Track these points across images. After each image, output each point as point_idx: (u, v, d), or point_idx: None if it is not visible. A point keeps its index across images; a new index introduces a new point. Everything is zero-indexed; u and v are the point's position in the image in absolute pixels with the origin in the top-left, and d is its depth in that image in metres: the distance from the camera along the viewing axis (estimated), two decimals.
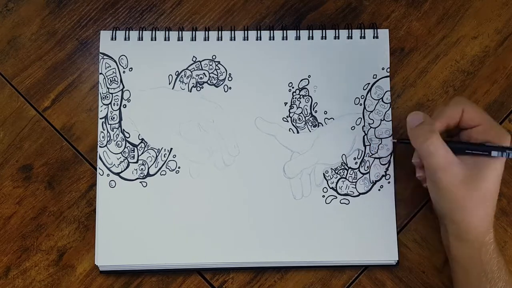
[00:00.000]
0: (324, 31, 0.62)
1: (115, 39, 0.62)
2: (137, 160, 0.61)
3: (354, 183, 0.60)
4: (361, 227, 0.60)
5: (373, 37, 0.62)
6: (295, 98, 0.61)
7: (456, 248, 0.55)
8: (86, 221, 0.61)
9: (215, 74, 0.62)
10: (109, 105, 0.61)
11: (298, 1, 0.64)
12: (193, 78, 0.62)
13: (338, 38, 0.62)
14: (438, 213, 0.57)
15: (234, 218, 0.60)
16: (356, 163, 0.61)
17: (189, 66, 0.62)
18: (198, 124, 0.61)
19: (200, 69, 0.62)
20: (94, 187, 0.61)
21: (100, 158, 0.60)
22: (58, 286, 0.61)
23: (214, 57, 0.62)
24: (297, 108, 0.61)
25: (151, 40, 0.62)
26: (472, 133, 0.54)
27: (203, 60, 0.62)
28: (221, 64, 0.62)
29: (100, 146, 0.61)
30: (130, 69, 0.62)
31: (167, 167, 0.61)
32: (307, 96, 0.61)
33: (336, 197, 0.60)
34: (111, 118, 0.61)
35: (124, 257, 0.60)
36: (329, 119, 0.61)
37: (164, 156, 0.61)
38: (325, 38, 0.62)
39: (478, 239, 0.53)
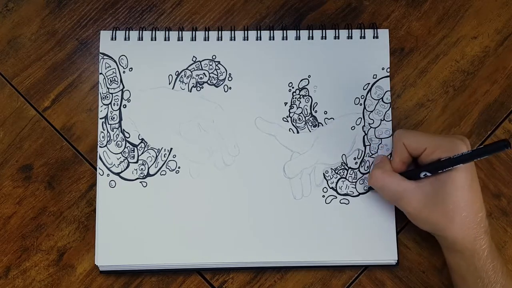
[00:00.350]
0: (324, 31, 0.62)
1: (115, 39, 0.62)
2: (137, 160, 0.61)
3: (354, 183, 0.60)
4: (361, 227, 0.60)
5: (373, 37, 0.62)
6: (295, 98, 0.61)
7: (450, 258, 0.55)
8: (86, 221, 0.61)
9: (215, 74, 0.62)
10: (109, 105, 0.61)
11: (298, 1, 0.64)
12: (193, 78, 0.62)
13: (338, 38, 0.62)
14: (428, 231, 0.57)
15: (234, 218, 0.60)
16: (356, 163, 0.61)
17: (189, 66, 0.62)
18: (198, 124, 0.61)
19: (200, 69, 0.62)
20: (94, 187, 0.61)
21: (100, 158, 0.60)
22: (58, 286, 0.61)
23: (214, 57, 0.62)
24: (297, 108, 0.61)
25: (151, 40, 0.62)
26: (423, 159, 0.55)
27: (203, 60, 0.62)
28: (221, 64, 0.62)
29: (100, 146, 0.61)
30: (130, 69, 0.62)
31: (167, 167, 0.61)
32: (307, 96, 0.61)
33: (336, 197, 0.60)
34: (111, 118, 0.61)
35: (124, 257, 0.60)
36: (329, 119, 0.61)
37: (164, 156, 0.61)
38: (325, 38, 0.62)
39: (469, 249, 0.53)
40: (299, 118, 0.61)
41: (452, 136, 0.54)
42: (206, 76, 0.62)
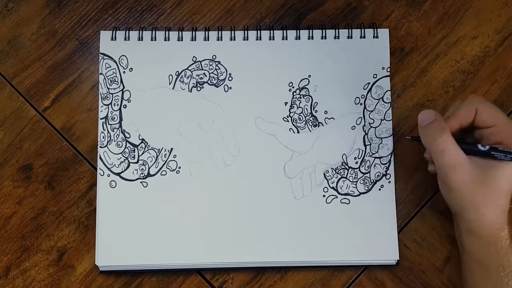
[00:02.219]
0: (324, 31, 0.62)
1: (115, 39, 0.62)
2: (138, 160, 0.61)
3: (355, 183, 0.61)
4: (362, 226, 0.60)
5: (373, 37, 0.62)
6: (296, 98, 0.61)
7: (470, 243, 0.55)
8: (86, 221, 0.61)
9: (215, 74, 0.62)
10: (110, 105, 0.61)
11: (298, 1, 0.64)
12: (193, 78, 0.62)
13: (338, 38, 0.62)
14: (450, 208, 0.57)
15: (234, 218, 0.60)
16: (356, 162, 0.61)
17: (189, 66, 0.62)
18: (198, 124, 0.61)
19: (200, 69, 0.62)
20: (94, 187, 0.61)
21: (101, 158, 0.60)
22: (58, 286, 0.61)
23: (214, 57, 0.62)
24: (298, 108, 0.61)
25: (151, 40, 0.62)
26: (485, 134, 0.54)
27: (203, 60, 0.62)
28: (221, 64, 0.62)
29: (100, 146, 0.61)
30: (130, 69, 0.62)
31: (168, 167, 0.61)
32: (307, 96, 0.61)
33: (337, 197, 0.60)
34: (112, 118, 0.61)
35: (124, 257, 0.60)
36: (329, 118, 0.61)
37: (165, 156, 0.61)
38: (325, 38, 0.62)
39: (493, 235, 0.53)
40: (300, 118, 0.61)
41: None
42: (206, 76, 0.62)
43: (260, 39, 0.62)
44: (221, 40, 0.62)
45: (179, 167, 0.61)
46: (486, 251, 0.53)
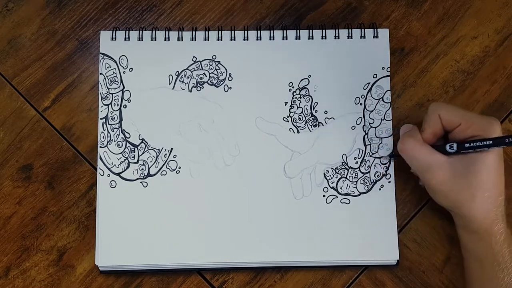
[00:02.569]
0: (324, 31, 0.62)
1: (115, 39, 0.62)
2: (138, 160, 0.61)
3: (355, 183, 0.61)
4: (362, 226, 0.60)
5: (373, 37, 0.62)
6: (295, 97, 0.61)
7: (466, 239, 0.55)
8: (86, 221, 0.61)
9: (215, 74, 0.62)
10: (110, 105, 0.61)
11: (298, 1, 0.64)
12: (193, 78, 0.62)
13: (338, 38, 0.62)
14: (445, 207, 0.57)
15: (234, 218, 0.60)
16: (356, 162, 0.61)
17: (189, 66, 0.62)
18: (198, 124, 0.61)
19: (200, 69, 0.62)
20: (94, 187, 0.61)
21: (101, 158, 0.60)
22: (58, 286, 0.61)
23: (214, 57, 0.62)
24: (298, 108, 0.61)
25: (151, 40, 0.62)
26: (455, 135, 0.55)
27: (203, 60, 0.62)
28: (221, 64, 0.62)
29: (100, 146, 0.61)
30: (130, 69, 0.62)
31: (168, 167, 0.61)
32: (307, 96, 0.61)
33: (337, 197, 0.60)
34: (112, 119, 0.61)
35: (124, 257, 0.59)
36: (329, 118, 0.61)
37: (165, 156, 0.61)
38: (325, 38, 0.62)
39: (487, 230, 0.53)
40: (300, 118, 0.61)
41: (487, 116, 0.54)
42: (206, 76, 0.62)
43: (260, 39, 0.62)
44: (221, 40, 0.62)
45: (179, 167, 0.61)
46: (481, 247, 0.54)
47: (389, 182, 0.61)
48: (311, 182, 0.60)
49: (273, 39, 0.62)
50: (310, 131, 0.61)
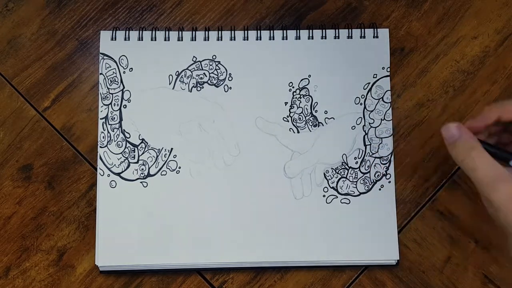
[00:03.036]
0: (324, 31, 0.62)
1: (115, 39, 0.62)
2: (138, 160, 0.61)
3: (355, 183, 0.61)
4: (362, 226, 0.60)
5: (373, 37, 0.62)
6: (296, 97, 0.61)
7: None
8: (86, 221, 0.61)
9: (215, 74, 0.62)
10: (110, 106, 0.61)
11: (298, 1, 0.64)
12: (193, 78, 0.62)
13: (338, 38, 0.62)
14: (500, 227, 0.50)
15: (234, 218, 0.60)
16: (356, 162, 0.61)
17: (189, 66, 0.62)
18: (198, 124, 0.61)
19: (200, 69, 0.62)
20: (94, 187, 0.61)
21: (101, 158, 0.60)
22: (58, 286, 0.61)
23: (214, 57, 0.62)
24: (298, 107, 0.61)
25: (151, 40, 0.62)
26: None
27: (203, 60, 0.62)
28: (221, 64, 0.62)
29: (100, 147, 0.61)
30: (130, 69, 0.62)
31: (168, 167, 0.61)
32: (308, 96, 0.61)
33: (337, 197, 0.60)
34: (112, 119, 0.61)
35: (124, 257, 0.60)
36: (329, 118, 0.61)
37: (165, 156, 0.61)
38: (325, 38, 0.62)
39: None
40: (300, 118, 0.61)
41: None
42: (206, 76, 0.62)
43: (260, 39, 0.62)
44: (221, 40, 0.62)
45: (179, 167, 0.61)
46: None
47: (389, 182, 0.61)
48: (311, 182, 0.60)
49: (273, 39, 0.62)
50: (310, 131, 0.61)
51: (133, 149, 0.61)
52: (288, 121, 0.61)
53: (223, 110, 0.61)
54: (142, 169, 0.60)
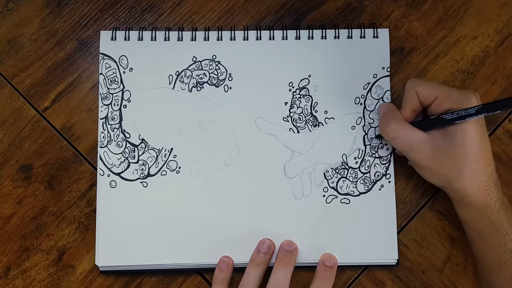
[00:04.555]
0: (324, 31, 0.62)
1: (115, 39, 0.62)
2: (138, 160, 0.61)
3: (355, 183, 0.61)
4: (362, 226, 0.60)
5: (373, 37, 0.62)
6: (295, 97, 0.61)
7: (463, 213, 0.55)
8: (86, 221, 0.61)
9: (215, 74, 0.62)
10: (110, 106, 0.61)
11: (298, 1, 0.64)
12: (193, 78, 0.62)
13: (338, 38, 0.62)
14: (437, 185, 0.57)
15: (234, 218, 0.60)
16: (356, 162, 0.61)
17: (189, 66, 0.62)
18: (198, 124, 0.61)
19: (200, 69, 0.62)
20: (94, 187, 0.61)
21: (101, 158, 0.60)
22: (58, 286, 0.61)
23: (214, 57, 0.62)
24: (298, 107, 0.61)
25: (151, 40, 0.62)
26: (433, 109, 0.55)
27: (203, 60, 0.62)
28: (221, 64, 0.62)
29: (100, 147, 0.61)
30: (130, 69, 0.62)
31: (168, 167, 0.61)
32: (307, 96, 0.61)
33: (337, 197, 0.60)
34: (112, 119, 0.61)
35: (124, 257, 0.60)
36: (329, 118, 0.61)
37: (165, 156, 0.61)
38: (325, 38, 0.62)
39: (480, 201, 0.53)
40: (300, 118, 0.61)
41: (464, 90, 0.54)
42: (206, 76, 0.62)
43: (260, 39, 0.62)
44: (221, 40, 0.62)
45: (179, 167, 0.61)
46: (478, 218, 0.54)
47: (389, 182, 0.61)
48: (311, 182, 0.60)
49: (273, 39, 0.62)
50: (310, 131, 0.61)
51: (133, 149, 0.61)
52: (288, 121, 0.61)
53: (223, 110, 0.61)
54: (142, 169, 0.60)
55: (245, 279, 0.58)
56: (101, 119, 0.61)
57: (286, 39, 0.62)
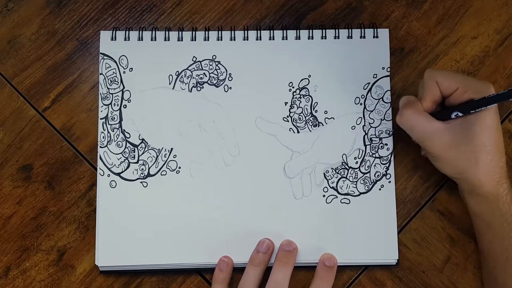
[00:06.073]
0: (324, 31, 0.62)
1: (115, 39, 0.62)
2: (138, 160, 0.61)
3: (355, 183, 0.61)
4: (362, 226, 0.60)
5: (373, 37, 0.62)
6: (296, 97, 0.61)
7: (473, 204, 0.55)
8: (86, 221, 0.61)
9: (215, 74, 0.62)
10: (110, 106, 0.61)
11: (298, 1, 0.64)
12: (193, 78, 0.62)
13: (338, 38, 0.62)
14: (448, 176, 0.57)
15: (234, 218, 0.60)
16: (356, 162, 0.61)
17: (189, 66, 0.62)
18: (198, 124, 0.61)
19: (200, 69, 0.62)
20: (94, 187, 0.61)
21: (101, 159, 0.60)
22: (58, 286, 0.61)
23: (214, 57, 0.62)
24: (298, 108, 0.61)
25: (151, 40, 0.62)
26: (453, 99, 0.55)
27: (203, 60, 0.62)
28: (221, 64, 0.62)
29: (100, 147, 0.61)
30: (130, 69, 0.62)
31: (168, 167, 0.61)
32: (308, 96, 0.61)
33: (337, 197, 0.60)
34: (112, 119, 0.61)
35: (124, 257, 0.60)
36: (329, 118, 0.61)
37: (165, 156, 0.61)
38: (325, 38, 0.62)
39: (492, 192, 0.53)
40: (300, 118, 0.61)
41: (482, 80, 0.54)
42: (206, 76, 0.62)
43: (260, 39, 0.62)
44: (221, 40, 0.62)
45: (179, 167, 0.61)
46: (489, 209, 0.54)
47: (389, 182, 0.61)
48: (311, 182, 0.60)
49: (273, 39, 0.62)
50: (310, 131, 0.61)
51: (133, 149, 0.61)
52: (288, 121, 0.61)
53: (223, 110, 0.61)
54: (142, 169, 0.60)
55: (244, 278, 0.58)
56: (101, 119, 0.61)
57: (286, 39, 0.62)
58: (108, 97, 0.61)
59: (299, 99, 0.61)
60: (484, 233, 0.56)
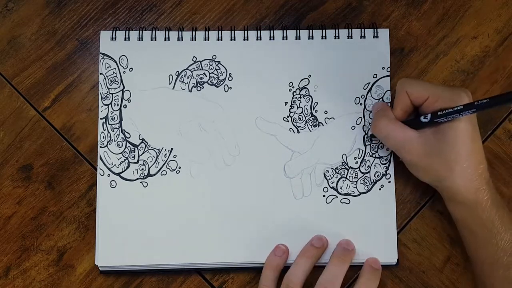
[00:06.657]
0: (324, 31, 0.62)
1: (115, 39, 0.62)
2: (138, 160, 0.61)
3: (355, 183, 0.61)
4: (362, 226, 0.60)
5: (373, 37, 0.62)
6: (296, 97, 0.61)
7: (455, 211, 0.55)
8: (86, 221, 0.61)
9: (215, 74, 0.62)
10: (110, 105, 0.61)
11: (298, 1, 0.64)
12: (193, 78, 0.62)
13: (338, 38, 0.62)
14: (428, 183, 0.57)
15: (234, 218, 0.60)
16: (356, 162, 0.61)
17: (189, 66, 0.62)
18: (198, 124, 0.61)
19: (200, 69, 0.62)
20: (94, 187, 0.61)
21: (101, 158, 0.60)
22: (58, 286, 0.61)
23: (214, 57, 0.62)
24: (298, 107, 0.61)
25: (151, 40, 0.62)
26: (425, 108, 0.55)
27: (203, 60, 0.62)
28: (221, 64, 0.62)
29: (100, 147, 0.61)
30: (131, 69, 0.62)
31: (168, 167, 0.61)
32: (308, 96, 0.61)
33: (337, 197, 0.60)
34: (112, 118, 0.61)
35: (124, 257, 0.60)
36: (329, 118, 0.61)
37: (165, 156, 0.61)
38: (325, 38, 0.62)
39: (472, 200, 0.53)
40: (300, 118, 0.61)
41: (455, 87, 0.54)
42: (206, 76, 0.62)
43: (260, 39, 0.62)
44: (221, 40, 0.62)
45: (179, 167, 0.61)
46: (470, 216, 0.54)
47: (389, 182, 0.61)
48: (311, 182, 0.60)
49: (273, 39, 0.62)
50: (310, 131, 0.61)
51: (133, 149, 0.61)
52: (288, 121, 0.61)
53: (223, 110, 0.61)
54: (142, 169, 0.60)
55: (293, 268, 0.57)
56: (101, 119, 0.61)
57: (286, 39, 0.62)
58: (108, 97, 0.61)
59: (299, 99, 0.61)
60: (468, 240, 0.55)
